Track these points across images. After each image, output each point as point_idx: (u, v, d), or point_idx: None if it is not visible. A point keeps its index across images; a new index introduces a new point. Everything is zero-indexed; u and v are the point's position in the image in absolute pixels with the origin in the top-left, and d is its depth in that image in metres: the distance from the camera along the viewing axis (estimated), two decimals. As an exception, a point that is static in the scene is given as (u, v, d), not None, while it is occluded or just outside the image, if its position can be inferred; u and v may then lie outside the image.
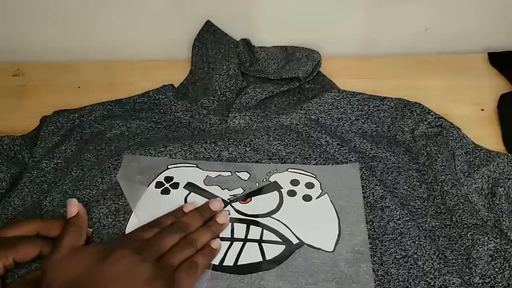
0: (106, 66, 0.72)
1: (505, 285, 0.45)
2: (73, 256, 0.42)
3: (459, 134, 0.57)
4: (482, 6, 0.68)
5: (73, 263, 0.41)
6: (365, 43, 0.73)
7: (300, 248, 0.48)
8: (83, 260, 0.41)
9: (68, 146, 0.58)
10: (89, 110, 0.63)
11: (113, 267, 0.40)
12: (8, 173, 0.55)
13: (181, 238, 0.46)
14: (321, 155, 0.56)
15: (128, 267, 0.40)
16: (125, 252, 0.41)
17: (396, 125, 0.60)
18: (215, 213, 0.49)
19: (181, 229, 0.46)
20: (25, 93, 0.69)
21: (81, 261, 0.41)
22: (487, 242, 0.47)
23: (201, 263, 0.44)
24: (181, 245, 0.45)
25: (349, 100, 0.62)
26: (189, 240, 0.46)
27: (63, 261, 0.41)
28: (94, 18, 0.70)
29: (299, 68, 0.65)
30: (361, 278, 0.45)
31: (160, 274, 0.41)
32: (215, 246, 0.47)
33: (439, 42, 0.73)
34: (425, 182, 0.54)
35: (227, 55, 0.68)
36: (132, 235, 0.46)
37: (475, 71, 0.69)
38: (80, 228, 0.45)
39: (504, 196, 0.51)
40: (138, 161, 0.55)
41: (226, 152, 0.56)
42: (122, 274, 0.40)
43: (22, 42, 0.73)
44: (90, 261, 0.41)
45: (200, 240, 0.46)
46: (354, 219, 0.50)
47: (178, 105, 0.63)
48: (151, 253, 0.42)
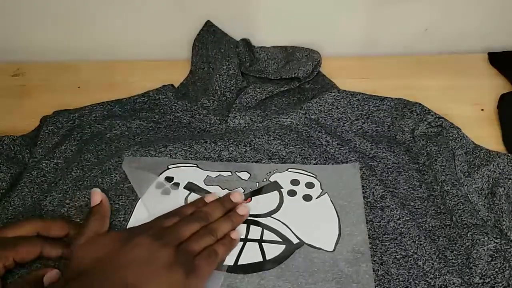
0: (106, 66, 0.72)
1: (505, 285, 0.45)
2: (97, 241, 0.43)
3: (459, 134, 0.57)
4: (482, 6, 0.68)
5: (96, 248, 0.42)
6: (365, 43, 0.73)
7: (300, 248, 0.47)
8: (106, 245, 0.42)
9: (68, 146, 0.58)
10: (89, 110, 0.62)
11: (134, 251, 0.41)
12: (8, 173, 0.55)
13: (201, 227, 0.46)
14: (321, 155, 0.56)
15: (149, 252, 0.41)
16: (146, 237, 0.42)
17: (396, 125, 0.60)
18: (236, 204, 0.50)
19: (202, 218, 0.47)
20: (25, 93, 0.69)
21: (104, 245, 0.42)
22: (487, 242, 0.47)
23: (220, 252, 0.45)
24: (201, 233, 0.45)
25: (349, 100, 0.62)
26: (210, 229, 0.46)
27: (87, 245, 0.43)
28: (94, 18, 0.70)
29: (299, 68, 0.65)
30: (361, 278, 0.45)
31: (180, 259, 0.42)
32: (235, 237, 0.47)
33: (439, 42, 0.73)
34: (425, 182, 0.54)
35: (227, 55, 0.68)
36: (153, 223, 0.46)
37: (475, 71, 0.69)
38: (103, 216, 0.47)
39: (504, 196, 0.51)
40: (138, 162, 0.55)
41: (226, 152, 0.56)
42: (143, 258, 0.40)
43: (22, 42, 0.73)
44: (113, 245, 0.42)
45: (220, 230, 0.47)
46: (354, 219, 0.50)
47: (178, 105, 0.63)
48: (172, 239, 0.43)
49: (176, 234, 0.44)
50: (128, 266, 0.40)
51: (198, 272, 0.42)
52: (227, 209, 0.49)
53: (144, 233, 0.43)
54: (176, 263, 0.41)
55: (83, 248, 0.42)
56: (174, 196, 0.52)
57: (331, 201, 0.52)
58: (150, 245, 0.42)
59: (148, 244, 0.42)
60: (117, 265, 0.40)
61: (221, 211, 0.49)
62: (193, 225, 0.46)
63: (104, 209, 0.48)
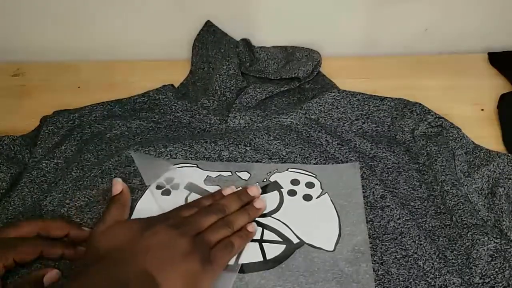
0: (106, 66, 0.72)
1: (505, 285, 0.45)
2: (117, 228, 0.44)
3: (459, 134, 0.57)
4: (482, 6, 0.68)
5: (116, 234, 0.43)
6: (365, 43, 0.73)
7: (301, 248, 0.48)
8: (126, 232, 0.43)
9: (68, 146, 0.58)
10: (89, 110, 0.62)
11: (153, 239, 0.42)
12: (8, 173, 0.55)
13: (218, 219, 0.47)
14: (321, 155, 0.56)
15: (167, 240, 0.42)
16: (165, 227, 0.43)
17: (396, 125, 0.60)
18: (253, 198, 0.50)
19: (219, 210, 0.47)
20: (25, 93, 0.69)
21: (123, 232, 0.43)
22: (487, 242, 0.47)
23: (237, 244, 0.46)
24: (218, 225, 0.46)
25: (349, 100, 0.62)
26: (227, 221, 0.47)
27: (107, 232, 0.44)
28: (94, 18, 0.70)
29: (299, 68, 0.65)
30: (361, 278, 0.45)
31: (197, 249, 0.42)
32: (251, 230, 0.48)
33: (439, 42, 0.73)
34: (425, 182, 0.54)
35: (227, 55, 0.68)
36: (171, 213, 0.47)
37: (475, 71, 0.69)
38: (123, 205, 0.48)
39: (504, 196, 0.51)
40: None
41: (226, 152, 0.56)
42: (161, 246, 0.41)
43: (22, 42, 0.73)
44: (132, 232, 0.43)
45: (237, 222, 0.47)
46: (355, 218, 0.50)
47: (178, 105, 0.63)
48: (189, 229, 0.44)
49: (193, 224, 0.45)
50: (146, 253, 0.41)
51: (214, 262, 0.43)
52: (244, 203, 0.50)
53: (163, 222, 0.44)
54: (193, 252, 0.42)
55: (103, 235, 0.43)
56: (174, 196, 0.52)
57: (331, 201, 0.52)
58: (168, 234, 0.43)
59: (167, 233, 0.43)
60: (135, 251, 0.41)
61: (238, 204, 0.49)
62: (210, 217, 0.46)
63: (125, 198, 0.49)
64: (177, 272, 0.40)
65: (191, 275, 0.41)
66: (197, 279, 0.41)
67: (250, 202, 0.50)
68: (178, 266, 0.41)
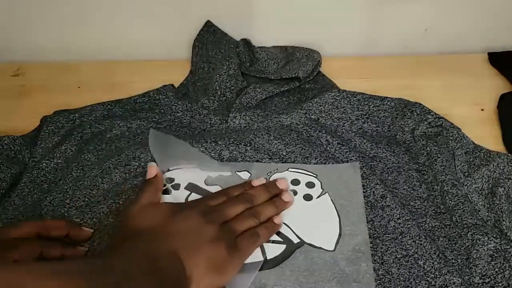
0: (106, 66, 0.72)
1: (505, 285, 0.45)
2: (149, 209, 0.46)
3: (459, 134, 0.57)
4: (482, 6, 0.68)
5: (148, 215, 0.45)
6: (365, 43, 0.73)
7: (301, 248, 0.48)
8: (157, 214, 0.45)
9: (68, 146, 0.58)
10: (89, 110, 0.62)
11: (182, 223, 0.44)
12: (8, 173, 0.55)
13: (246, 209, 0.48)
14: (321, 155, 0.56)
15: (195, 226, 0.44)
16: (194, 213, 0.45)
17: (396, 125, 0.60)
18: (281, 191, 0.51)
19: (247, 200, 0.48)
20: (25, 93, 0.69)
21: (155, 214, 0.45)
22: (487, 242, 0.47)
23: (262, 234, 0.46)
24: (245, 215, 0.47)
25: (349, 100, 0.62)
26: (254, 211, 0.48)
27: (140, 212, 0.45)
28: (94, 18, 0.70)
29: (299, 68, 0.65)
30: (361, 277, 0.45)
31: (223, 236, 0.44)
32: (278, 222, 0.48)
33: (439, 42, 0.73)
34: (425, 182, 0.54)
35: (227, 55, 0.68)
36: (201, 201, 0.49)
37: (475, 71, 0.69)
38: (156, 189, 0.49)
39: (504, 196, 0.51)
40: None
41: (226, 152, 0.56)
42: (189, 230, 0.43)
43: (22, 42, 0.73)
44: (163, 215, 0.44)
45: (264, 214, 0.48)
46: (355, 218, 0.50)
47: (179, 105, 0.63)
48: (217, 217, 0.45)
49: (221, 212, 0.46)
50: (175, 236, 0.42)
51: (239, 250, 0.44)
52: (272, 195, 0.50)
53: (193, 208, 0.46)
54: (219, 239, 0.43)
55: (136, 215, 0.45)
56: (175, 196, 0.52)
57: (331, 201, 0.52)
58: (197, 220, 0.44)
59: (195, 219, 0.44)
60: (165, 233, 0.42)
61: (266, 196, 0.50)
62: (238, 206, 0.47)
63: (158, 181, 0.49)
64: (203, 257, 0.42)
65: (216, 261, 0.42)
66: (221, 265, 0.42)
67: (278, 194, 0.51)
68: (203, 251, 0.42)
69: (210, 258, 0.42)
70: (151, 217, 0.44)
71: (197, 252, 0.42)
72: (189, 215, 0.45)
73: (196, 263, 0.41)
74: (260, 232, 0.46)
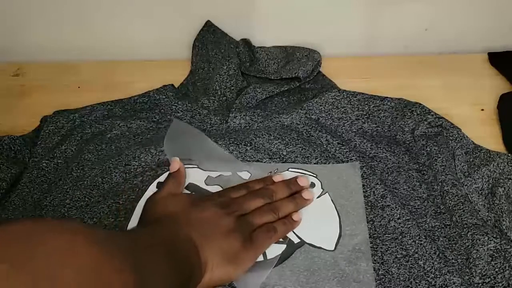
0: (106, 66, 0.72)
1: (505, 285, 0.45)
2: (170, 198, 0.47)
3: (459, 134, 0.57)
4: (482, 6, 0.68)
5: (168, 203, 0.47)
6: (365, 43, 0.73)
7: (301, 247, 0.48)
8: (177, 203, 0.46)
9: (68, 146, 0.58)
10: (89, 110, 0.62)
11: (201, 214, 0.45)
12: (8, 173, 0.55)
13: (265, 203, 0.48)
14: (321, 154, 0.56)
15: (213, 217, 0.45)
16: (213, 204, 0.46)
17: (396, 125, 0.60)
18: (302, 188, 0.51)
19: (267, 195, 0.49)
20: (25, 93, 0.69)
21: (175, 203, 0.47)
22: (487, 242, 0.47)
23: (280, 230, 0.47)
24: (264, 209, 0.47)
25: (349, 100, 0.62)
26: (273, 207, 0.48)
27: (161, 201, 0.47)
28: (94, 18, 0.70)
29: (299, 68, 0.65)
30: (362, 277, 0.45)
31: (239, 228, 0.45)
32: (296, 219, 0.49)
33: (439, 42, 0.73)
34: (425, 182, 0.54)
35: (227, 55, 0.68)
36: (222, 193, 0.49)
37: (475, 71, 0.69)
38: (178, 182, 0.50)
39: (504, 196, 0.51)
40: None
41: (226, 152, 0.56)
42: (207, 221, 0.44)
43: (22, 42, 0.73)
44: (183, 204, 0.46)
45: (283, 210, 0.48)
46: (355, 218, 0.50)
47: (179, 105, 0.63)
48: (235, 209, 0.46)
49: (240, 205, 0.47)
50: (193, 225, 0.43)
51: (254, 243, 0.44)
52: (293, 191, 0.51)
53: (212, 200, 0.47)
54: (235, 231, 0.44)
55: (157, 203, 0.47)
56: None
57: (331, 201, 0.52)
58: (215, 210, 0.45)
59: (214, 210, 0.45)
60: (183, 221, 0.44)
61: (287, 192, 0.50)
62: (257, 200, 0.48)
63: (181, 175, 0.51)
64: (218, 247, 0.43)
65: (230, 252, 0.43)
66: (236, 256, 0.43)
67: (298, 192, 0.51)
68: (219, 242, 0.43)
69: (224, 248, 0.43)
70: (171, 205, 0.46)
71: (213, 242, 0.43)
72: (208, 206, 0.46)
73: (211, 252, 0.42)
74: (277, 227, 0.47)
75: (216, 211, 0.45)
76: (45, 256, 0.26)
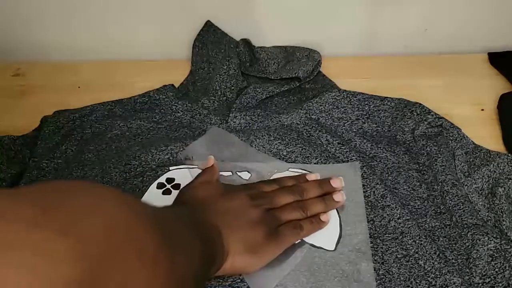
0: (106, 66, 0.72)
1: (505, 285, 0.45)
2: (201, 186, 0.48)
3: (459, 134, 0.57)
4: (482, 6, 0.68)
5: (199, 191, 0.47)
6: (365, 43, 0.73)
7: (302, 247, 0.48)
8: (207, 190, 0.47)
9: (68, 146, 0.58)
10: (89, 110, 0.62)
11: (230, 202, 0.46)
12: (8, 173, 0.55)
13: (295, 200, 0.48)
14: (321, 154, 0.56)
15: (241, 207, 0.45)
16: (243, 195, 0.46)
17: (397, 125, 0.60)
18: (334, 190, 0.51)
19: (298, 192, 0.49)
20: (25, 93, 0.69)
21: (205, 190, 0.47)
22: (487, 242, 0.47)
23: (306, 228, 0.47)
24: (293, 206, 0.48)
25: (349, 100, 0.62)
26: (302, 204, 0.48)
27: (192, 189, 0.48)
28: (94, 18, 0.70)
29: (299, 68, 0.65)
30: (362, 277, 0.45)
31: (265, 221, 0.45)
32: (324, 219, 0.48)
33: (439, 42, 0.73)
34: (425, 182, 0.54)
35: (227, 55, 0.68)
36: (254, 185, 0.50)
37: (475, 71, 0.69)
38: (212, 175, 0.50)
39: (504, 196, 0.51)
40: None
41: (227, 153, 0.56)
42: (234, 211, 0.45)
43: (23, 42, 0.73)
44: (213, 192, 0.47)
45: (312, 209, 0.48)
46: (355, 218, 0.50)
47: (179, 105, 0.63)
48: (264, 203, 0.46)
49: (270, 199, 0.47)
50: (219, 213, 0.44)
51: (278, 238, 0.44)
52: (324, 192, 0.50)
53: (243, 191, 0.47)
54: (261, 223, 0.44)
55: (188, 190, 0.48)
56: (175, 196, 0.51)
57: (332, 201, 0.52)
58: (244, 201, 0.46)
59: (243, 200, 0.46)
60: (211, 208, 0.44)
61: (318, 192, 0.50)
62: (288, 197, 0.48)
63: (214, 171, 0.50)
64: (241, 236, 0.43)
65: (253, 243, 0.43)
66: (259, 249, 0.43)
67: (330, 193, 0.50)
68: (243, 231, 0.43)
69: (248, 238, 0.43)
70: (203, 192, 0.47)
71: (237, 231, 0.43)
72: (238, 196, 0.46)
73: (234, 241, 0.42)
74: (304, 225, 0.47)
75: (245, 201, 0.46)
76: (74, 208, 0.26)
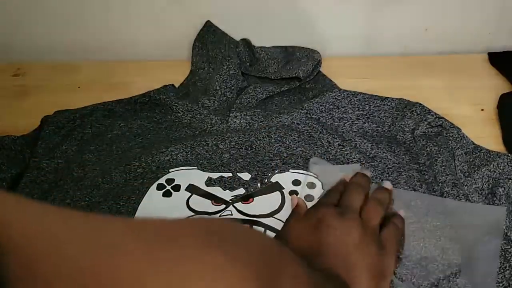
0: (106, 66, 0.72)
1: (505, 285, 0.45)
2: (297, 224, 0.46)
3: (459, 134, 0.57)
4: (482, 6, 0.68)
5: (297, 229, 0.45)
6: (365, 43, 0.73)
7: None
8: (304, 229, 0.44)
9: (69, 146, 0.58)
10: (90, 110, 0.62)
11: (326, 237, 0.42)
12: (8, 173, 0.55)
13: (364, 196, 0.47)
14: (322, 155, 0.56)
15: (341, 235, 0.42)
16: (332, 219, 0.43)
17: (397, 125, 0.60)
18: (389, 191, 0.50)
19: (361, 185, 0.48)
20: (25, 93, 0.69)
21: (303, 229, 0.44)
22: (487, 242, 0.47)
23: (400, 225, 0.46)
24: (372, 204, 0.46)
25: (350, 100, 0.62)
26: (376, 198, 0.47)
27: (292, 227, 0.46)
28: (94, 18, 0.70)
29: (299, 68, 0.65)
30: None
31: (370, 238, 0.42)
32: (402, 214, 0.48)
33: (439, 42, 0.73)
34: (425, 182, 0.54)
35: (227, 55, 0.68)
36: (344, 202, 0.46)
37: (475, 71, 0.69)
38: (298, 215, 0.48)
39: (504, 196, 0.51)
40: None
41: (227, 154, 0.56)
42: (337, 241, 0.42)
43: (23, 42, 0.73)
44: (309, 230, 0.43)
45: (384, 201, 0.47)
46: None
47: (179, 105, 0.63)
48: (352, 213, 0.44)
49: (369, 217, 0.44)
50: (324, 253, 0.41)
51: (388, 252, 0.43)
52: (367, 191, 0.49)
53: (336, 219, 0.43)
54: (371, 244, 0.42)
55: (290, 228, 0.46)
56: (175, 198, 0.51)
57: (332, 201, 0.51)
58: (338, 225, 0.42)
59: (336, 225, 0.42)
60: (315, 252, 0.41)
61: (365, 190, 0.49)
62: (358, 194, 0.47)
63: (302, 208, 0.49)
64: (366, 271, 0.40)
65: (377, 270, 0.41)
66: (382, 271, 0.41)
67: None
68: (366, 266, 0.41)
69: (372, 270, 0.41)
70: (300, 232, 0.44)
71: (355, 267, 0.40)
72: (331, 225, 0.43)
73: (362, 280, 0.40)
74: (397, 223, 0.46)
75: (339, 225, 0.42)
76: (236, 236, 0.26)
